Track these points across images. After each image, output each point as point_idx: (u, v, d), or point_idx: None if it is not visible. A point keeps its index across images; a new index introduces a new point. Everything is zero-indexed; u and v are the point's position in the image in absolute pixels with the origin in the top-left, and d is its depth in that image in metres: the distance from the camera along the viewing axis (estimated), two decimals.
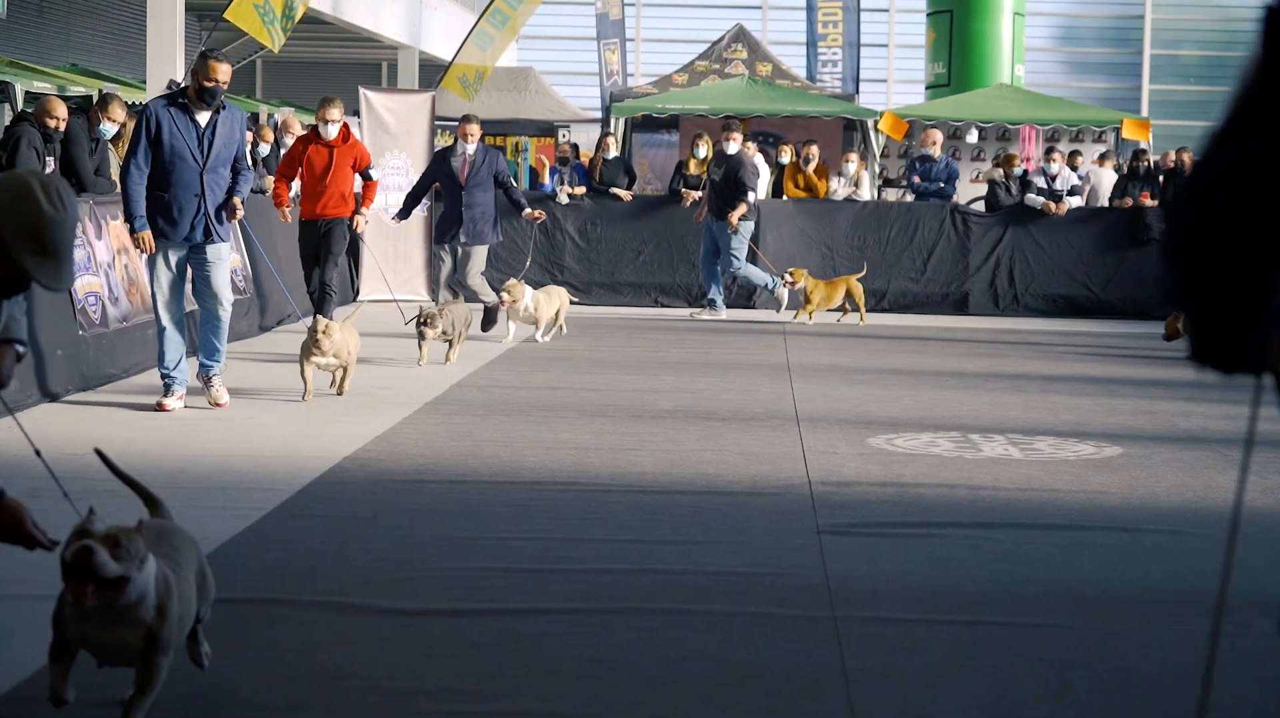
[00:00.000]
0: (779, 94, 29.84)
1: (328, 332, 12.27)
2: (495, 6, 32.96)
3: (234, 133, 11.88)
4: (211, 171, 11.73)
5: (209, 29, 28.64)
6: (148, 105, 11.98)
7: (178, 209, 11.67)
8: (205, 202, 11.70)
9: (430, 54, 41.39)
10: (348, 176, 15.50)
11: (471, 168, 16.65)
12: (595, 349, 16.39)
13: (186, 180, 11.65)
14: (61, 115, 14.91)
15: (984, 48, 33.85)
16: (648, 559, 7.57)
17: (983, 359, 16.45)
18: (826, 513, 8.68)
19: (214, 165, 11.74)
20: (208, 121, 11.72)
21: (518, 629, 6.33)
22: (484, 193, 16.69)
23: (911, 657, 6.14)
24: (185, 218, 11.69)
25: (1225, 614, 6.80)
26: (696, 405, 12.58)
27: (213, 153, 11.71)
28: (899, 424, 11.91)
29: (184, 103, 11.72)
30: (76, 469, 9.44)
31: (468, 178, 16.61)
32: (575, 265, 21.58)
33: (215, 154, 11.73)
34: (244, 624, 6.32)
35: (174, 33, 24.84)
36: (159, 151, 11.62)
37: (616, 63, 37.83)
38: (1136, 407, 13.20)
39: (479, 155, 16.75)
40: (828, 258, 21.73)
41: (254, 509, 8.38)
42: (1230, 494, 9.53)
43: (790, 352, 16.51)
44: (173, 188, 11.65)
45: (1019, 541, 8.21)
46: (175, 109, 11.71)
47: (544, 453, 10.31)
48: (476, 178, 16.63)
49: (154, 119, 11.66)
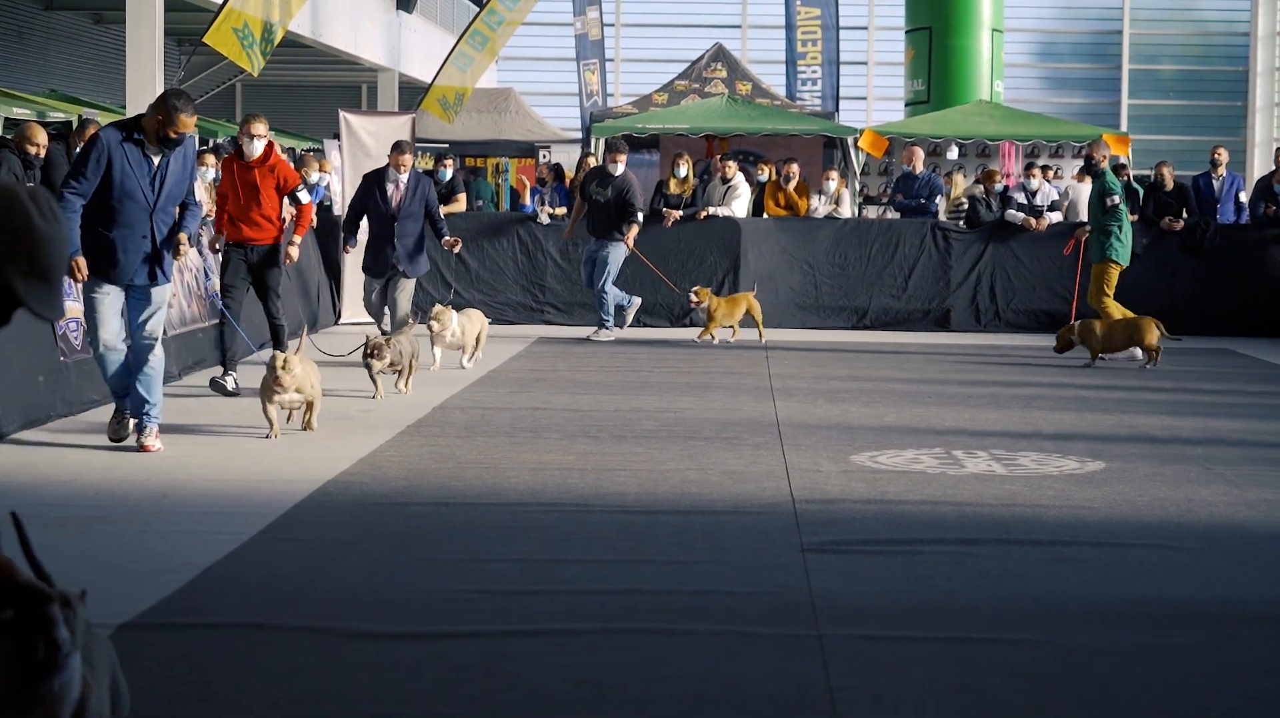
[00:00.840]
0: (759, 113, 29.91)
1: (287, 367, 11.51)
2: (475, 28, 33.02)
3: (186, 170, 11.14)
4: (161, 211, 11.01)
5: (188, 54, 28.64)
6: (100, 135, 11.03)
7: (123, 250, 10.91)
8: (154, 242, 10.98)
9: (410, 76, 41.43)
10: (273, 198, 14.62)
11: (405, 197, 16.24)
12: (577, 369, 16.39)
13: (134, 221, 10.89)
14: (41, 142, 14.91)
15: (963, 64, 33.93)
16: (632, 580, 7.56)
17: (965, 375, 16.46)
18: (810, 531, 8.68)
19: (164, 205, 11.04)
20: (161, 160, 10.92)
21: (502, 652, 6.32)
22: (415, 223, 16.30)
23: (897, 674, 6.13)
24: (131, 260, 10.95)
25: (1212, 627, 6.81)
26: (679, 425, 12.57)
27: (164, 193, 10.98)
28: (882, 441, 11.91)
29: (139, 139, 10.86)
30: (59, 496, 9.44)
31: (400, 207, 16.21)
32: (557, 286, 21.58)
33: (166, 194, 11.01)
34: (227, 649, 6.30)
35: (153, 58, 24.83)
36: (107, 188, 10.77)
37: (596, 83, 37.91)
38: (1119, 421, 13.21)
39: (411, 184, 16.32)
40: (809, 275, 21.75)
41: (237, 534, 8.36)
42: (1214, 508, 9.54)
43: (772, 370, 16.51)
44: (119, 228, 10.85)
45: (1003, 556, 8.21)
46: (130, 144, 10.84)
47: (527, 474, 10.30)
48: (410, 208, 16.22)
49: (106, 152, 10.81)
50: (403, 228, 16.16)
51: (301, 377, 11.63)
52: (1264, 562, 8.23)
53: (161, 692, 5.78)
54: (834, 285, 21.71)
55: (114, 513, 8.94)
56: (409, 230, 16.22)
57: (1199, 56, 51.98)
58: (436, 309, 16.08)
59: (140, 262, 10.97)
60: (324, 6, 33.81)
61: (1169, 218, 21.41)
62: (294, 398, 11.70)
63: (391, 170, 16.32)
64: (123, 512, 8.95)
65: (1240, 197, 22.53)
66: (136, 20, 25.02)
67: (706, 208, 21.77)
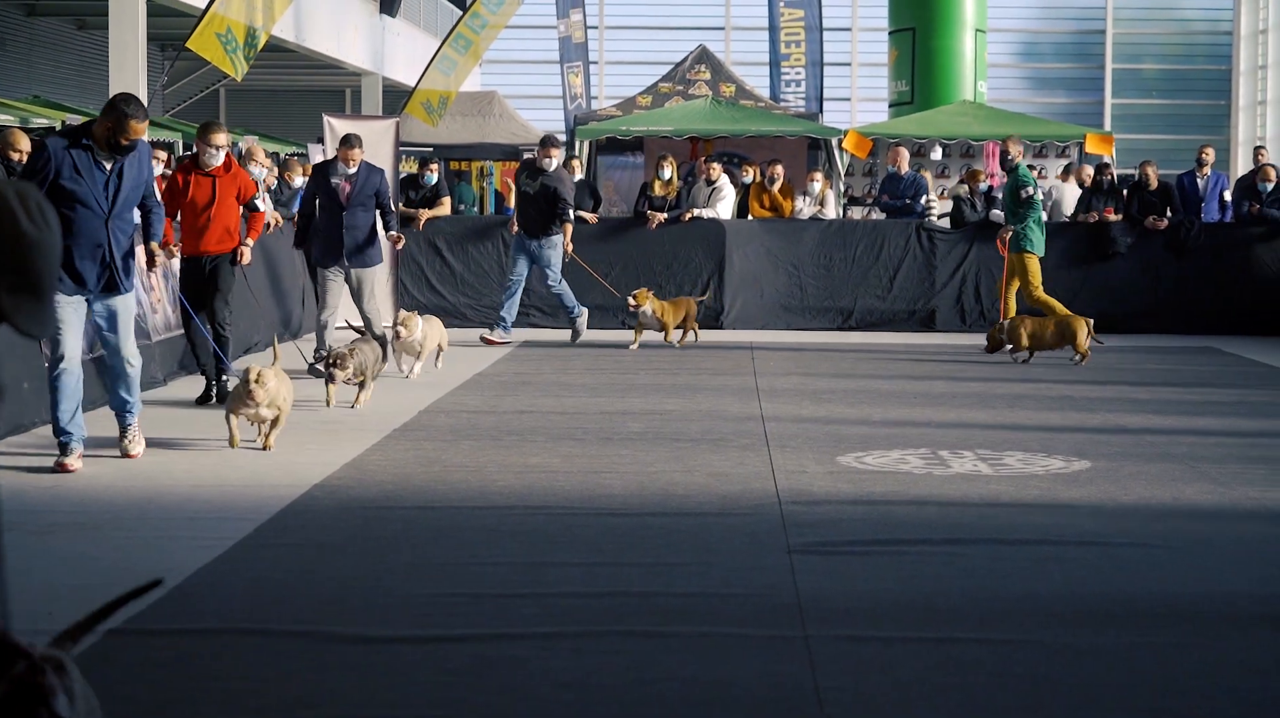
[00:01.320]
0: (743, 114, 29.93)
1: (261, 380, 11.06)
2: (458, 31, 33.00)
3: (142, 172, 10.71)
4: (117, 218, 10.57)
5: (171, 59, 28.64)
6: (46, 143, 10.60)
7: (79, 259, 10.44)
8: (110, 252, 10.53)
9: (394, 80, 41.42)
10: (233, 209, 14.05)
11: (354, 187, 15.79)
12: (563, 372, 16.38)
13: (88, 229, 10.43)
14: (24, 148, 14.85)
15: (946, 65, 33.95)
16: (618, 582, 7.56)
17: (950, 375, 16.48)
18: (797, 532, 8.68)
19: (120, 212, 10.59)
20: (114, 166, 10.52)
21: (488, 655, 6.32)
22: (365, 213, 15.86)
23: (884, 675, 6.14)
24: (87, 271, 10.51)
25: (1198, 625, 6.82)
26: (665, 427, 12.57)
27: (119, 200, 10.56)
28: (868, 442, 11.92)
29: (88, 144, 10.43)
30: (44, 503, 9.43)
31: (350, 197, 15.77)
32: (542, 289, 21.54)
33: (122, 201, 10.59)
34: (214, 655, 6.30)
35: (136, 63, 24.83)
36: (57, 197, 10.12)
37: (580, 86, 37.91)
38: (1104, 420, 13.23)
39: (361, 174, 15.86)
40: (794, 277, 21.75)
41: (223, 539, 8.35)
42: (1199, 507, 9.56)
43: (758, 371, 16.52)
44: (72, 237, 10.26)
45: (989, 556, 8.22)
46: (79, 151, 10.42)
47: (513, 477, 10.30)
48: (359, 197, 15.77)
49: (52, 161, 10.36)
50: (351, 217, 15.76)
51: (274, 391, 11.20)
52: (1250, 560, 8.25)
53: (147, 698, 5.77)
54: (819, 287, 21.71)
55: (99, 519, 8.92)
56: (358, 221, 15.82)
57: (1182, 56, 52.06)
58: (403, 314, 15.73)
59: (97, 271, 10.56)
60: (307, 11, 33.79)
61: (1153, 217, 21.44)
62: (264, 413, 11.26)
63: (340, 165, 15.89)
64: (107, 518, 8.93)
65: (1224, 195, 22.55)
66: (119, 26, 25.01)
67: (691, 210, 21.78)
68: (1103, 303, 21.21)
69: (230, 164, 14.11)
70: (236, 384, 11.47)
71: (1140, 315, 21.36)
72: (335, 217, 15.79)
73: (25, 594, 4.93)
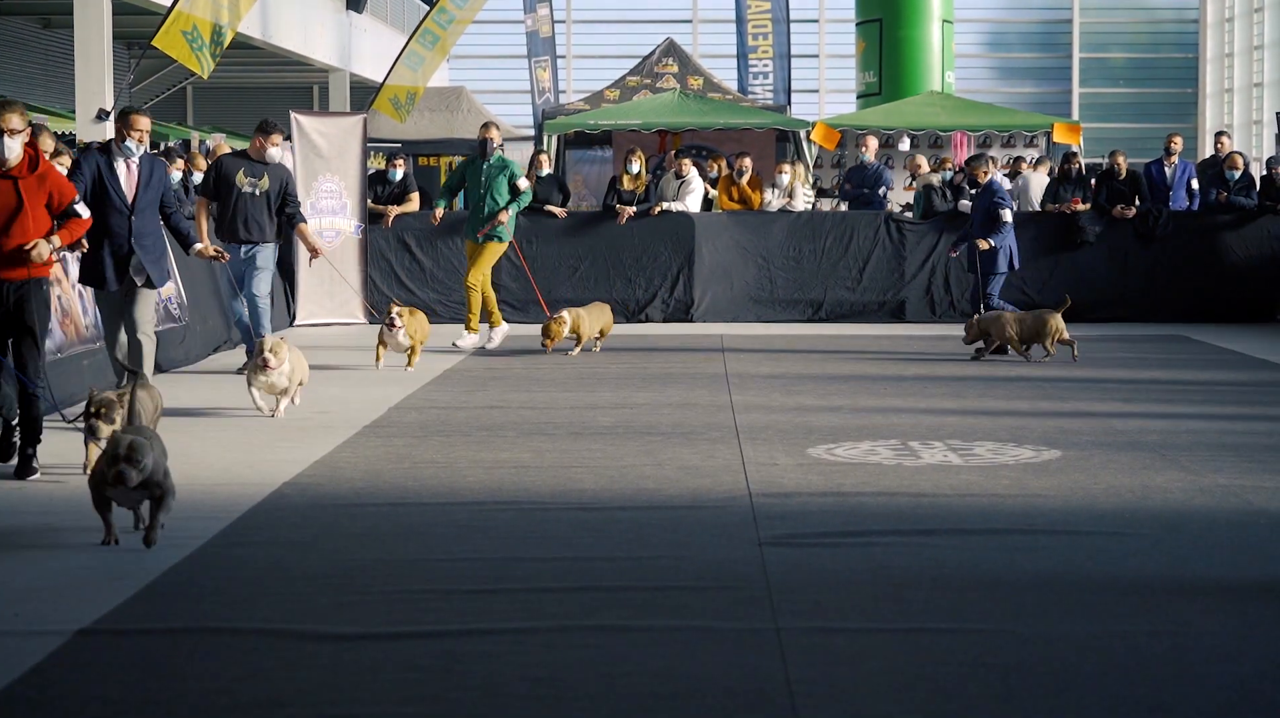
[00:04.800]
0: (711, 107, 29.93)
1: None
2: (425, 27, 32.98)
3: None
4: None
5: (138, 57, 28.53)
6: None
7: None
8: None
9: (361, 76, 41.35)
10: (43, 219, 10.39)
11: (140, 182, 11.99)
12: (533, 367, 16.36)
13: None
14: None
15: (914, 56, 33.98)
16: (589, 577, 7.55)
17: (920, 366, 16.50)
18: (767, 525, 8.69)
19: None
20: None
21: (460, 651, 6.31)
22: (155, 216, 12.23)
23: (855, 666, 6.14)
24: None
25: (1169, 613, 6.84)
26: (635, 420, 12.57)
27: None
28: (838, 433, 11.93)
29: None
30: (12, 504, 9.40)
31: (136, 197, 11.99)
32: (512, 284, 21.53)
33: None
34: (184, 654, 6.28)
35: (102, 61, 24.77)
36: None
37: (548, 80, 37.88)
38: (1074, 409, 13.25)
39: (145, 167, 12.05)
40: (764, 269, 21.76)
41: (193, 538, 8.33)
42: (1169, 494, 9.58)
43: (728, 362, 16.52)
44: None
45: (960, 546, 8.23)
46: None
47: (483, 473, 10.29)
48: (146, 195, 12.02)
49: None
50: (141, 222, 11.98)
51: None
52: (1220, 547, 8.27)
53: (118, 698, 5.76)
54: (789, 279, 21.73)
55: (67, 520, 8.89)
56: (148, 227, 12.10)
57: (1149, 44, 52.18)
58: (272, 341, 12.73)
59: None
60: (273, 8, 33.71)
61: (1121, 205, 21.49)
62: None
63: (126, 142, 11.98)
64: (75, 518, 8.89)
65: (1192, 184, 22.61)
66: (85, 24, 24.96)
67: (660, 203, 21.78)
68: (1072, 291, 21.23)
69: (37, 161, 10.38)
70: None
71: (1109, 304, 21.41)
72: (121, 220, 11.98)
73: None
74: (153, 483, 8.08)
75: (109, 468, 7.99)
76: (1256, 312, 21.25)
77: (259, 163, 16.04)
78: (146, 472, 8.00)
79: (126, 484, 7.97)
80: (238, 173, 15.90)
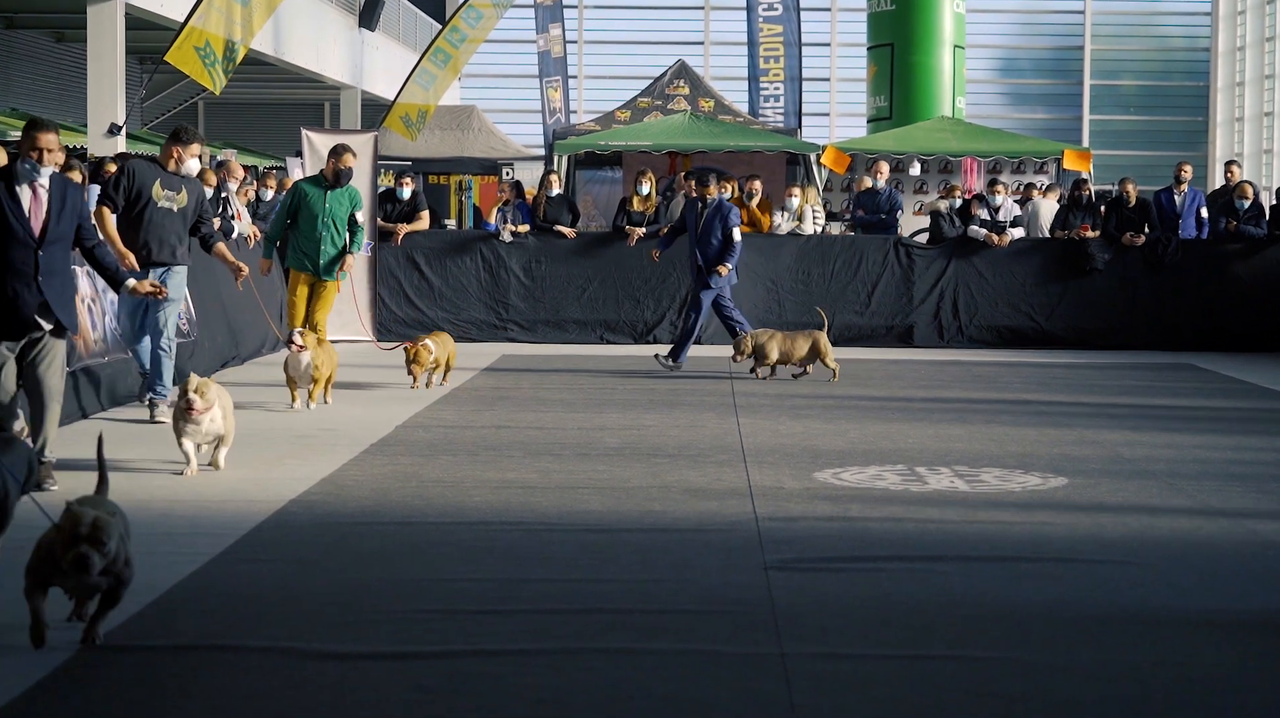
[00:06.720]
0: (721, 129, 29.95)
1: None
2: (437, 45, 33.04)
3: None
4: None
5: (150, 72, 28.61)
6: None
7: None
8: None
9: (373, 94, 41.42)
10: None
11: (50, 211, 10.02)
12: (540, 387, 16.36)
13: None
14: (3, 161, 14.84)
15: (925, 81, 33.99)
16: (595, 599, 7.55)
17: (927, 391, 16.48)
18: (773, 548, 8.68)
19: None
20: None
21: (465, 671, 6.31)
22: (65, 251, 10.24)
23: (860, 693, 6.13)
24: None
25: (1174, 643, 6.83)
26: (643, 442, 12.57)
27: None
28: (845, 458, 11.92)
29: None
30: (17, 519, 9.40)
31: (46, 227, 10.00)
32: (520, 304, 21.57)
33: None
34: (190, 671, 6.28)
35: (115, 76, 24.81)
36: None
37: (559, 100, 37.89)
38: (1081, 437, 13.24)
39: (56, 190, 10.08)
40: (772, 292, 21.76)
41: (199, 555, 8.33)
42: (1176, 524, 9.57)
43: (736, 386, 16.51)
44: None
45: (966, 573, 8.23)
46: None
47: (490, 493, 10.29)
48: (59, 227, 10.05)
49: None
50: (50, 258, 10.03)
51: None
52: (1226, 577, 8.26)
53: (123, 715, 5.76)
54: (797, 302, 21.72)
55: None
56: (57, 264, 10.14)
57: (1160, 72, 52.20)
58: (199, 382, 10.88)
59: None
60: (286, 24, 33.78)
61: (1130, 233, 21.49)
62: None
63: (29, 163, 9.93)
64: None
65: (1201, 212, 22.60)
66: (98, 39, 25.01)
67: (669, 225, 21.78)
68: (1081, 318, 21.29)
69: None
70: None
71: (1117, 331, 21.40)
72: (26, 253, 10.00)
73: None
74: (112, 572, 6.58)
75: (66, 550, 6.48)
76: (1265, 341, 21.20)
77: (175, 175, 13.65)
78: (109, 557, 6.53)
79: (88, 572, 6.51)
80: (154, 183, 13.53)
